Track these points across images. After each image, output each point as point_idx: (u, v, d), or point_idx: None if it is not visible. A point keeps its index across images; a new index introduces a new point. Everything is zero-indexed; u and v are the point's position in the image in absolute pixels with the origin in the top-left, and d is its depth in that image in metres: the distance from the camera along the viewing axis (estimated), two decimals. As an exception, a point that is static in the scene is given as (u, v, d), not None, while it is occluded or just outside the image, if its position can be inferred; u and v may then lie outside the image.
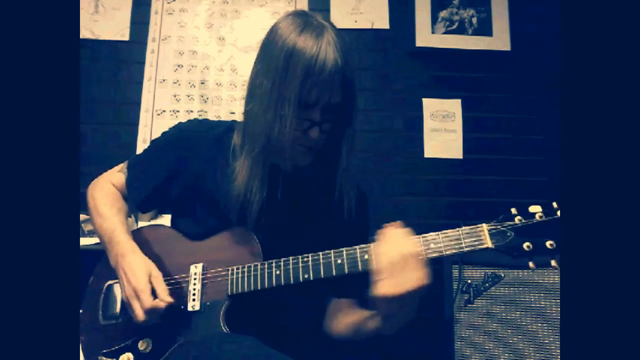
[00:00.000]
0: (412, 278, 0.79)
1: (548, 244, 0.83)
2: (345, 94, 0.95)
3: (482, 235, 0.86)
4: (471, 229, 0.87)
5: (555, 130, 2.28)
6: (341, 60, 0.91)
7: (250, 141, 0.98)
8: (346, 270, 0.90)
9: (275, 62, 0.92)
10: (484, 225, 0.87)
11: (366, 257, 0.89)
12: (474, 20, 2.37)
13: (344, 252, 0.91)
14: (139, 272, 0.93)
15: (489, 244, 0.85)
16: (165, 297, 0.92)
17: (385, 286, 0.80)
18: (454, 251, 0.86)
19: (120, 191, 1.13)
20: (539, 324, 1.54)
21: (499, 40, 2.35)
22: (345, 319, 1.05)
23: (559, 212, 0.84)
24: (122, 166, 1.16)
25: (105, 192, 1.11)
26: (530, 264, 0.87)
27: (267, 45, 0.98)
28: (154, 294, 0.92)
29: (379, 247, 0.84)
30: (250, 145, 0.98)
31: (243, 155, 1.00)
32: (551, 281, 1.54)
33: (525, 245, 0.84)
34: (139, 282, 0.92)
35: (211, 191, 1.04)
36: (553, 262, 0.84)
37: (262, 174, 0.98)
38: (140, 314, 0.91)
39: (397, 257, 0.80)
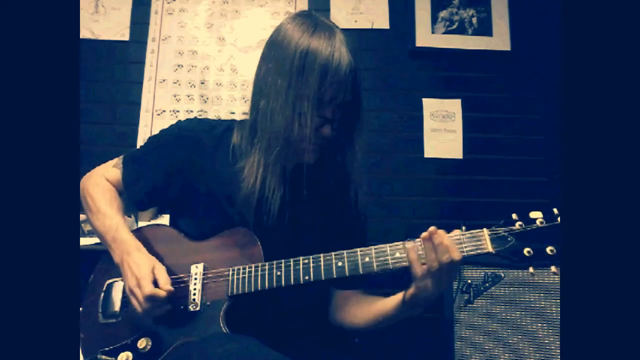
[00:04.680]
0: (452, 278, 0.87)
1: (548, 249, 0.84)
2: (354, 91, 0.97)
3: (483, 240, 0.86)
4: (472, 233, 0.87)
5: (555, 130, 2.28)
6: (353, 59, 0.95)
7: (266, 139, 0.98)
8: (347, 273, 0.90)
9: (289, 61, 0.93)
10: (485, 230, 0.87)
11: (367, 259, 0.90)
12: (474, 20, 2.37)
13: (345, 255, 0.91)
14: (143, 264, 0.95)
15: (489, 248, 0.86)
16: (165, 285, 0.93)
17: (429, 287, 0.86)
18: None
19: (115, 187, 1.12)
20: (539, 324, 1.54)
21: (499, 40, 2.35)
22: (362, 310, 1.05)
23: (559, 219, 0.84)
24: (117, 161, 1.14)
25: (102, 188, 1.10)
26: (531, 270, 0.87)
27: (276, 45, 0.99)
28: (156, 286, 0.93)
29: (426, 254, 0.85)
30: (266, 143, 0.98)
31: (254, 153, 1.01)
32: (551, 281, 1.54)
33: (526, 250, 0.85)
34: (141, 271, 0.93)
35: (213, 190, 1.05)
36: (553, 268, 0.84)
37: (280, 172, 0.99)
38: (141, 302, 0.92)
39: (444, 265, 0.83)
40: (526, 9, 2.37)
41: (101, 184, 1.10)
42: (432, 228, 0.86)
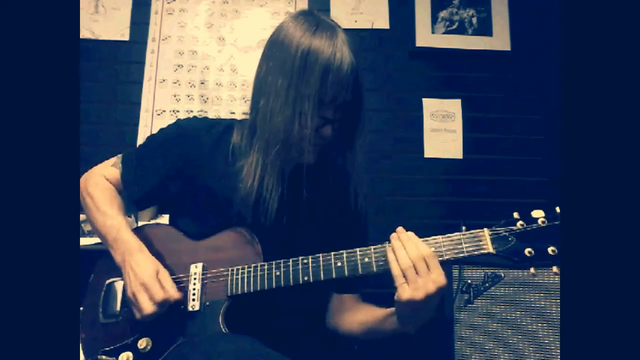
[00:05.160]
0: (431, 280, 0.81)
1: (550, 250, 0.82)
2: (356, 92, 0.96)
3: (483, 241, 0.85)
4: (472, 233, 0.86)
5: (555, 130, 2.28)
6: (355, 59, 0.94)
7: (265, 139, 0.97)
8: (346, 273, 0.90)
9: (290, 61, 0.93)
10: (486, 230, 0.86)
11: (366, 260, 0.89)
12: (474, 20, 2.37)
13: (344, 255, 0.91)
14: (147, 268, 0.94)
15: (490, 249, 0.84)
16: (174, 293, 0.93)
17: (407, 291, 0.82)
18: (454, 256, 0.85)
19: (115, 186, 1.11)
20: (539, 324, 1.54)
21: (499, 40, 2.35)
22: (357, 317, 1.05)
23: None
24: (116, 161, 1.13)
25: (102, 188, 1.09)
26: (532, 270, 0.85)
27: (277, 44, 0.98)
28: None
29: (395, 251, 0.84)
30: (265, 142, 0.97)
31: (252, 153, 1.00)
32: (551, 281, 1.54)
33: (527, 251, 0.83)
34: (146, 276, 0.92)
35: (212, 190, 1.04)
36: (555, 269, 0.82)
37: (278, 172, 0.99)
38: (148, 307, 0.90)
39: (414, 260, 0.82)
40: (526, 9, 2.37)
41: (101, 184, 1.10)
42: (399, 228, 0.87)
